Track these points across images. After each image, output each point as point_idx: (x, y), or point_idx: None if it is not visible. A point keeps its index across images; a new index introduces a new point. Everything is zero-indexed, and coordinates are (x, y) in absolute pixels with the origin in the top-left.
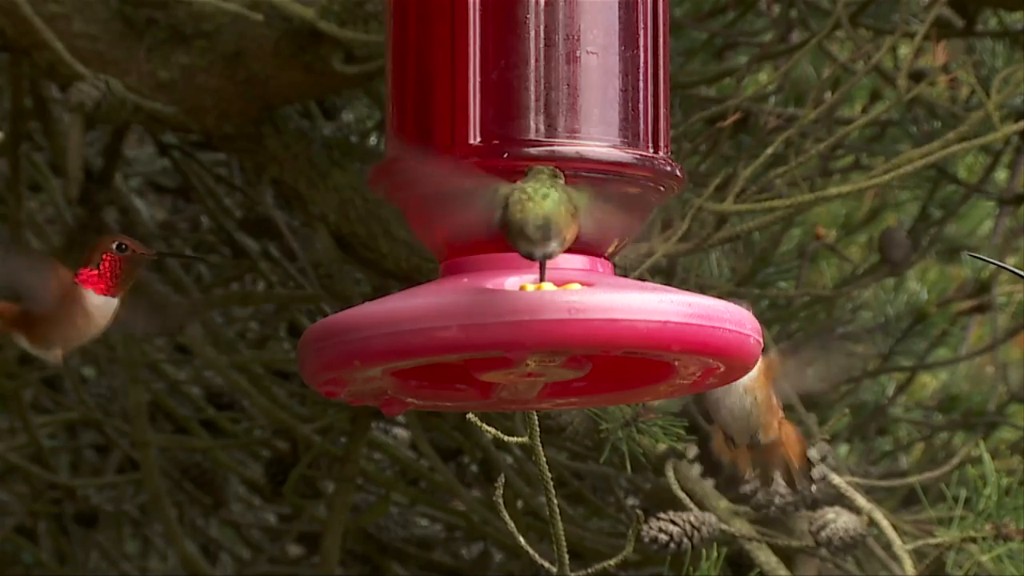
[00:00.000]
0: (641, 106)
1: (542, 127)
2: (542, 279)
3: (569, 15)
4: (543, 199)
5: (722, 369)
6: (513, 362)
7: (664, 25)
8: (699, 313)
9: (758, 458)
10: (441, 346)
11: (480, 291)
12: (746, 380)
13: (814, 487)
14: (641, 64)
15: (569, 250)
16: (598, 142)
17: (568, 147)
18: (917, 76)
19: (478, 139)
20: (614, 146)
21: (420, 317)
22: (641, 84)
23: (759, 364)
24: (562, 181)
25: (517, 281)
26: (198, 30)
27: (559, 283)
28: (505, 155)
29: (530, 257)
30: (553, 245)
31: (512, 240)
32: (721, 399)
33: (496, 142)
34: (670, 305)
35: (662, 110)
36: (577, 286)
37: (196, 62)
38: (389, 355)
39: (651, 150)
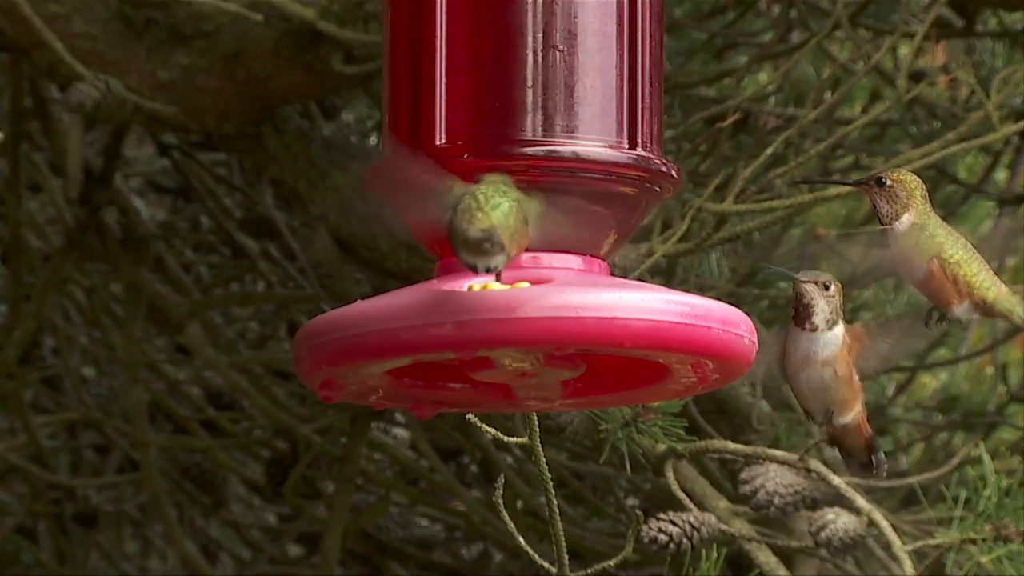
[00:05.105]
0: (638, 106)
1: (539, 127)
2: (498, 279)
3: (563, 15)
4: (493, 209)
5: (712, 367)
6: (493, 362)
7: (656, 23)
8: (652, 308)
9: (837, 437)
10: (394, 347)
11: (433, 293)
12: (828, 352)
13: (877, 472)
14: (639, 63)
15: (563, 249)
16: (594, 142)
17: (565, 147)
18: (917, 76)
19: (470, 139)
20: (610, 146)
21: (374, 319)
22: (638, 84)
23: (844, 336)
24: (514, 189)
25: (470, 282)
26: (198, 30)
27: (513, 282)
28: (491, 155)
29: (472, 269)
30: (498, 259)
31: (454, 249)
32: (799, 367)
33: (490, 143)
34: (619, 301)
35: (657, 110)
36: (526, 284)
37: (196, 62)
38: (349, 356)
39: (646, 150)
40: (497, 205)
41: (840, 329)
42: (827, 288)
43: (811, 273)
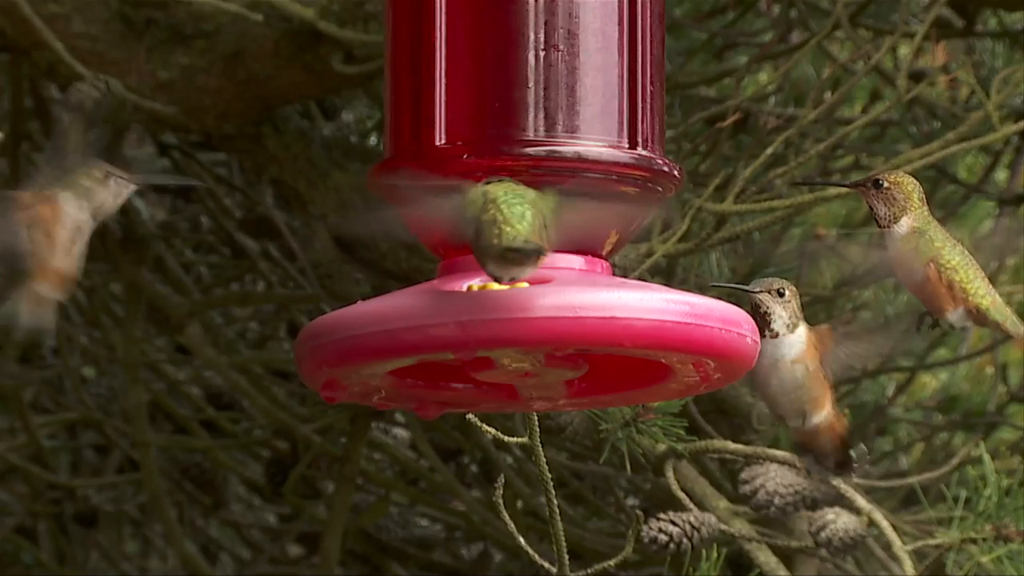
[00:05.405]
0: (639, 106)
1: (540, 127)
2: (498, 280)
3: (564, 15)
4: (519, 221)
5: (713, 366)
6: (494, 362)
7: (657, 23)
8: (651, 308)
9: (808, 441)
10: (395, 348)
11: (434, 293)
12: (795, 352)
13: (853, 474)
14: (639, 63)
15: (565, 249)
16: (596, 142)
17: (566, 147)
18: (917, 76)
19: (471, 139)
20: (611, 146)
21: (376, 320)
22: (639, 84)
23: (808, 335)
24: (524, 189)
25: (470, 282)
26: (198, 30)
27: (512, 283)
28: (492, 155)
29: (499, 280)
30: (530, 269)
31: (482, 262)
32: (769, 372)
33: (491, 143)
34: (619, 301)
35: (658, 110)
36: (525, 284)
37: (196, 62)
38: (351, 357)
39: (647, 149)
40: (522, 215)
41: (802, 329)
42: (782, 294)
43: (763, 282)
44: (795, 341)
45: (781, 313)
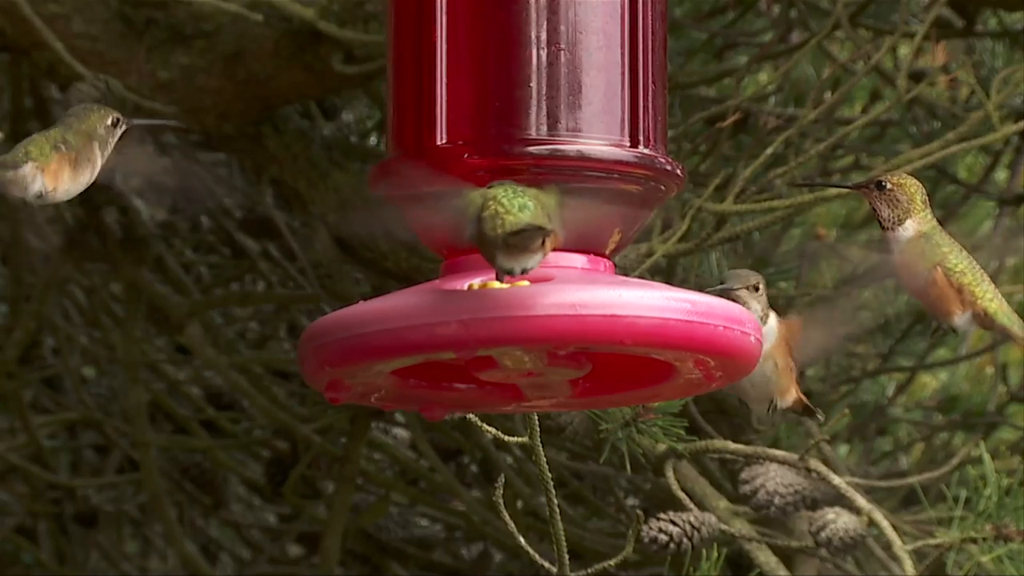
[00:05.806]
0: (641, 105)
1: (542, 126)
2: (499, 278)
3: (566, 14)
4: (521, 210)
5: (714, 364)
6: (497, 361)
7: (659, 23)
8: (652, 306)
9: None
10: (398, 347)
11: (436, 292)
12: (765, 346)
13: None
14: (642, 62)
15: (568, 248)
16: (598, 141)
17: (569, 146)
18: (917, 76)
19: (472, 139)
20: (614, 144)
21: (379, 319)
22: (640, 83)
23: (778, 328)
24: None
25: (471, 281)
26: (198, 30)
27: (513, 281)
28: (493, 154)
29: (510, 273)
30: (536, 257)
31: (488, 255)
32: None
33: (492, 142)
34: (619, 299)
35: (660, 109)
36: (526, 283)
37: (196, 62)
38: (354, 357)
39: (650, 148)
40: (524, 205)
41: (773, 321)
42: (756, 289)
43: (739, 278)
44: (767, 334)
45: (756, 307)
